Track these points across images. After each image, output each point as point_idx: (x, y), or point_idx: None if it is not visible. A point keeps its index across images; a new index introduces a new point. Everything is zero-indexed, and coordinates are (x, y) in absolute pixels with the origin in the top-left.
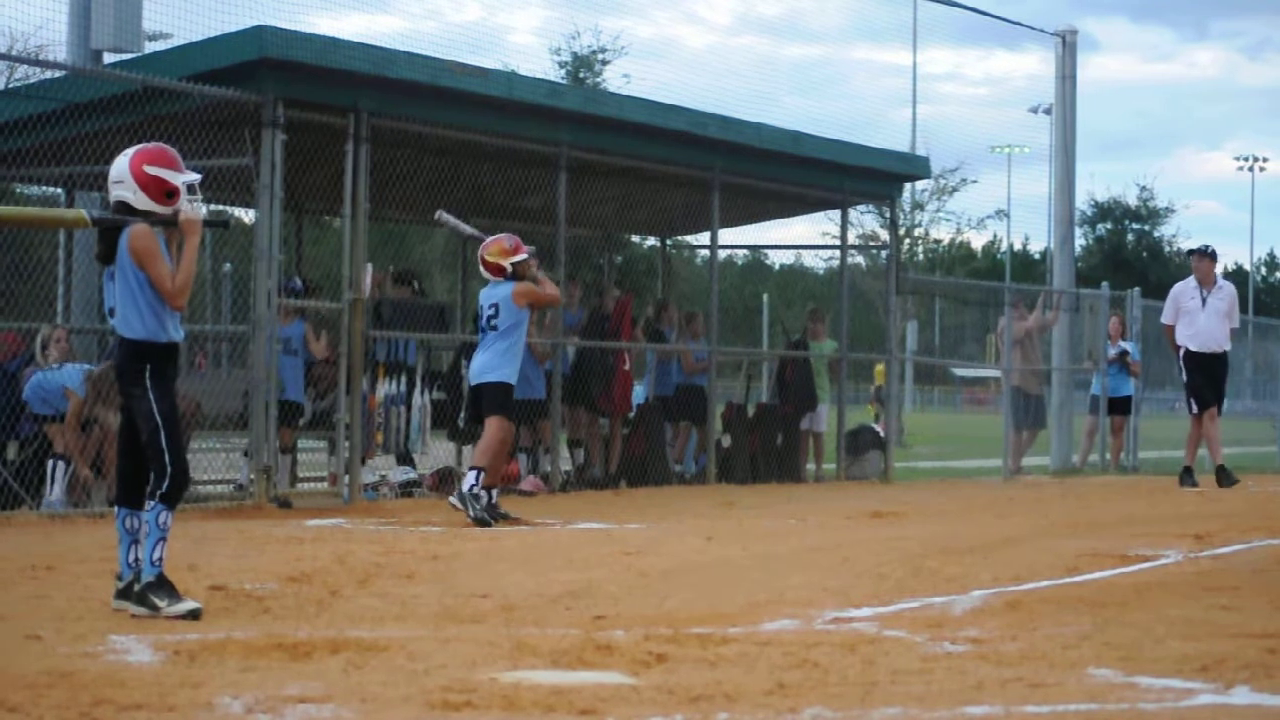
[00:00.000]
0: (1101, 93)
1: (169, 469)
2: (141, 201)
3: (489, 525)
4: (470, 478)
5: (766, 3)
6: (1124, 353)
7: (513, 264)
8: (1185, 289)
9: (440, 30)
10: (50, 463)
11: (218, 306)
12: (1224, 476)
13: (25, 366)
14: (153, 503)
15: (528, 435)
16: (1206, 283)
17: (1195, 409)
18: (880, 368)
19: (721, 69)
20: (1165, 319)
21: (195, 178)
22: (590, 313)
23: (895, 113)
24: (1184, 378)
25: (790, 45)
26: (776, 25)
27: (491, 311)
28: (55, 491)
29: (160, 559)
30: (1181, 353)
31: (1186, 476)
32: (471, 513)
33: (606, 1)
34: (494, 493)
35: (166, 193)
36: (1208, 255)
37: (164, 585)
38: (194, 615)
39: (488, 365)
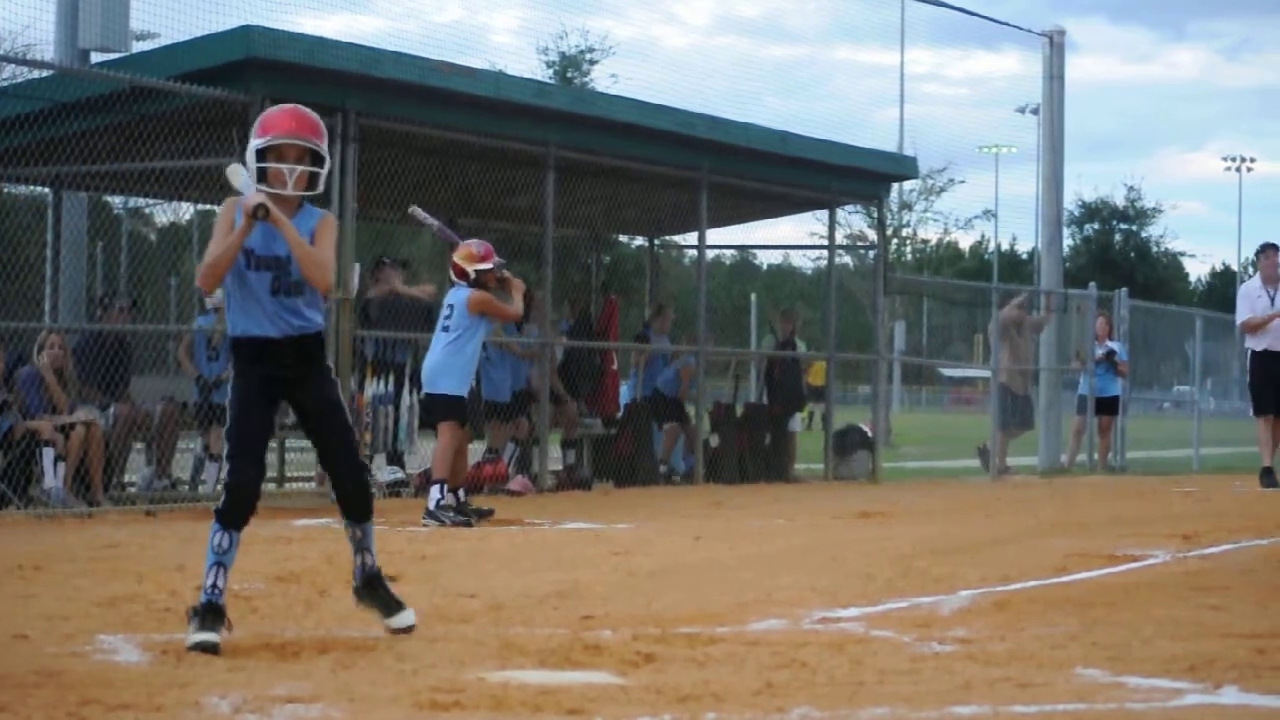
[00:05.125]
0: (1082, 93)
1: (226, 484)
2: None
3: (470, 525)
4: (434, 493)
5: (745, 3)
6: (1111, 353)
7: (476, 271)
8: (1252, 287)
9: (422, 30)
10: (39, 452)
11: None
12: (1266, 477)
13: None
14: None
15: (499, 435)
16: (1271, 280)
17: (1252, 411)
18: (817, 366)
19: (703, 70)
20: (1242, 318)
21: (257, 143)
22: (578, 314)
23: (879, 113)
24: (1248, 378)
25: (771, 46)
26: (756, 26)
27: (448, 312)
28: (49, 480)
29: (213, 586)
30: (1248, 353)
31: (1265, 476)
32: (447, 522)
33: (585, 2)
34: (461, 492)
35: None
36: (1270, 250)
37: (202, 615)
38: (204, 648)
39: (436, 372)
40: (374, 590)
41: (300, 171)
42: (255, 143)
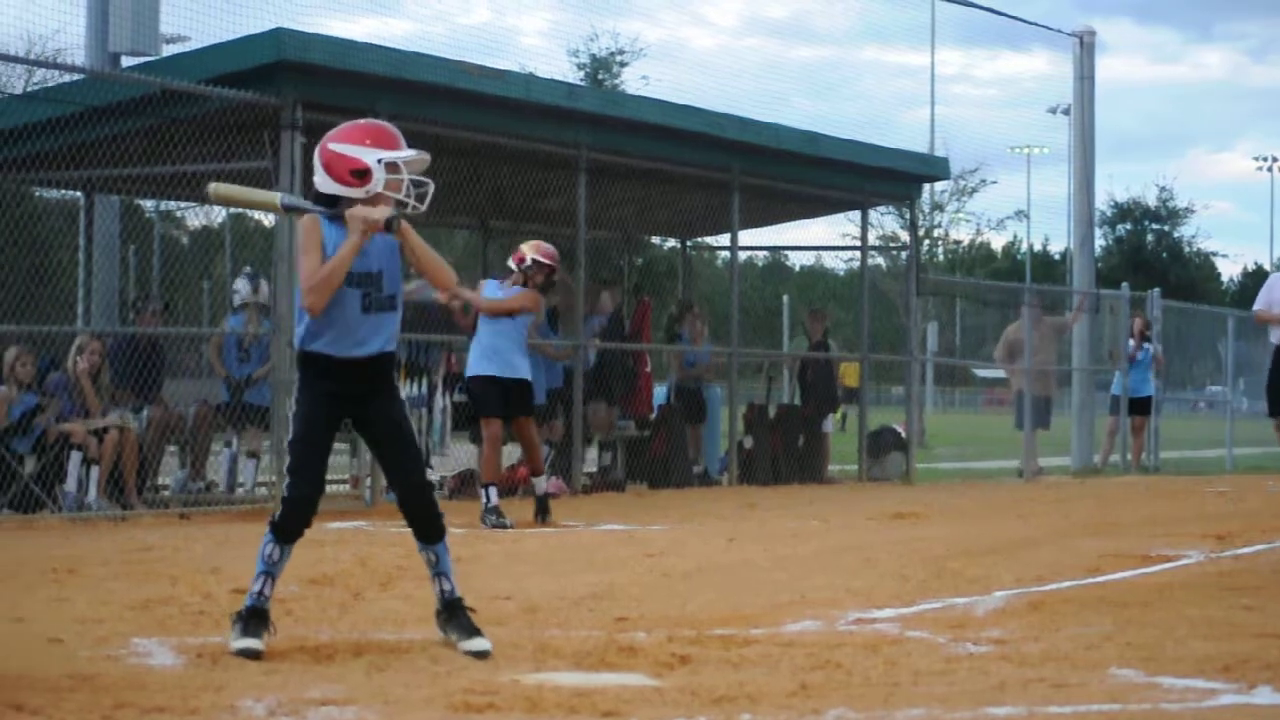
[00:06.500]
0: (1111, 94)
1: (283, 497)
2: (325, 184)
3: (508, 527)
4: (484, 497)
5: (773, 5)
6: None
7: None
8: (1278, 279)
9: (450, 33)
10: (70, 455)
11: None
12: None
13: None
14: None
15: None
16: None
17: (1270, 411)
18: (851, 368)
19: (730, 72)
20: (1257, 306)
21: (404, 155)
22: (609, 315)
23: (909, 114)
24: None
25: (799, 47)
26: (784, 27)
27: None
28: (72, 483)
29: (259, 593)
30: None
31: None
32: (490, 523)
33: (613, 5)
34: (494, 492)
35: (354, 173)
36: None
37: (246, 620)
38: (247, 654)
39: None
40: (454, 617)
41: (432, 187)
42: (397, 154)
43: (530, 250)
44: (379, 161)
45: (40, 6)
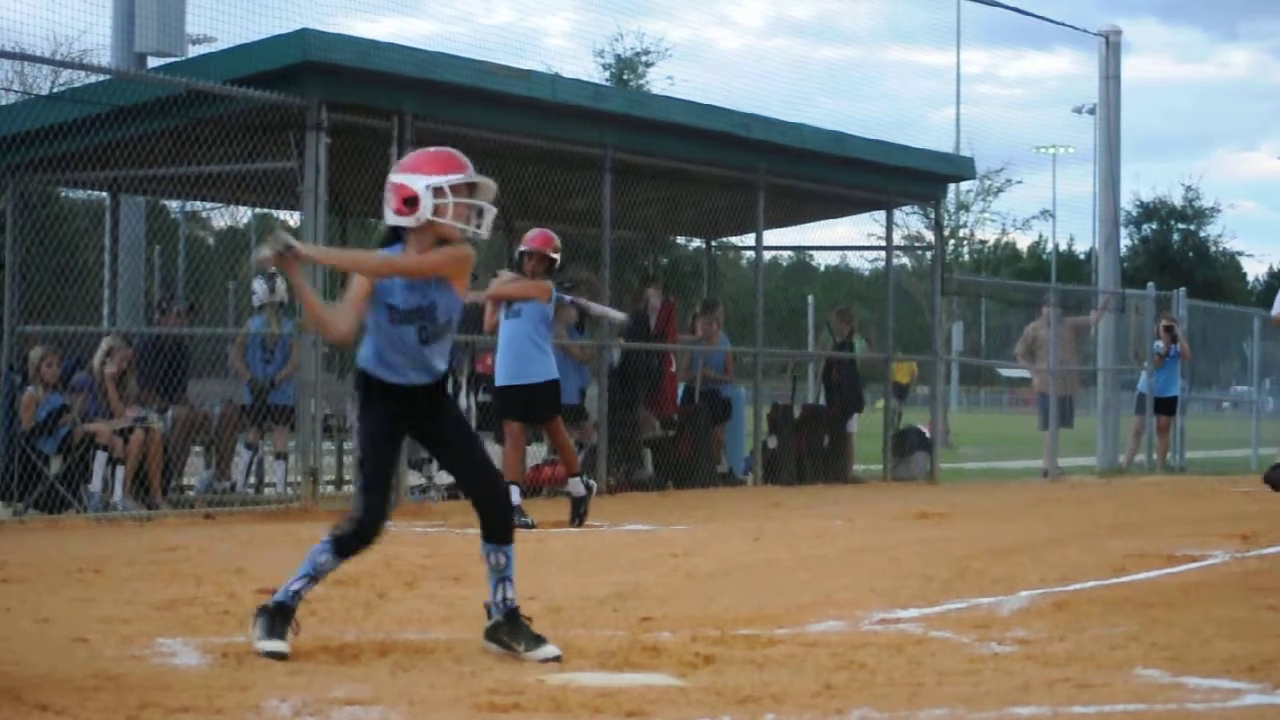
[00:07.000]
0: (1136, 93)
1: (353, 515)
2: (390, 216)
3: (531, 526)
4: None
5: (798, 5)
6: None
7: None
8: None
9: (474, 33)
10: (95, 455)
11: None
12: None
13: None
14: (326, 537)
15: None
16: None
17: None
18: (902, 365)
19: (755, 72)
20: (1276, 311)
21: (451, 179)
22: (634, 315)
23: (934, 113)
24: None
25: (823, 48)
26: (808, 27)
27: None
28: (97, 483)
29: (295, 592)
30: None
31: (1274, 473)
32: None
33: (638, 5)
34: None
35: (406, 201)
36: None
37: (272, 617)
38: (274, 655)
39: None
40: (517, 627)
41: (493, 213)
42: (444, 178)
43: (523, 241)
44: (426, 187)
45: (66, 7)
